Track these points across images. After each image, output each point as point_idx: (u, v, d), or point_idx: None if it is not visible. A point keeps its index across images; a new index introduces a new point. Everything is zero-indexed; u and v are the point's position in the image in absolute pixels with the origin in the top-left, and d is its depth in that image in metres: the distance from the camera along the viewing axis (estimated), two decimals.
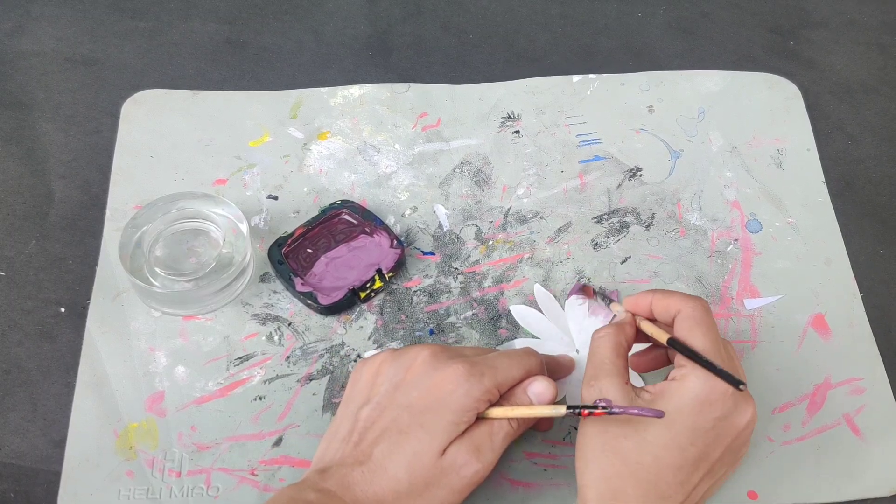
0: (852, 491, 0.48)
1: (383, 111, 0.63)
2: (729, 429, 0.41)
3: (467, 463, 0.41)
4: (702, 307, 0.44)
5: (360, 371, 0.45)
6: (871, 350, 0.53)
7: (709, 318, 0.44)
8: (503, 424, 0.43)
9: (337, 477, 0.41)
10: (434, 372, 0.43)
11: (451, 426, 0.41)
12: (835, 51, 0.68)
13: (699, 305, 0.44)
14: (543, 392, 0.44)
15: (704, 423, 0.41)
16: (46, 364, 0.51)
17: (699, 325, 0.43)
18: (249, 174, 0.59)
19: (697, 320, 0.43)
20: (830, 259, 0.57)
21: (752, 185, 0.60)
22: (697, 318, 0.44)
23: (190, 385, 0.50)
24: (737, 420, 0.42)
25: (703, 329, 0.43)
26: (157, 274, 0.51)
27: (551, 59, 0.67)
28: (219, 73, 0.65)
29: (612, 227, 0.58)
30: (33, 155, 0.60)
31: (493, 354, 0.45)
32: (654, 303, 0.46)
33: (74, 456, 0.48)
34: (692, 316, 0.44)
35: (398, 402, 0.42)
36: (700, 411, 0.41)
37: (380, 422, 0.42)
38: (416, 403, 0.42)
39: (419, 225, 0.57)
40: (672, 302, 0.45)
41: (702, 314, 0.44)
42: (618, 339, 0.45)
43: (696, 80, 0.65)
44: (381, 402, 0.43)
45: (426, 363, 0.43)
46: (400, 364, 0.44)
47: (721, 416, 0.41)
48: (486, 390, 0.42)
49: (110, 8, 0.68)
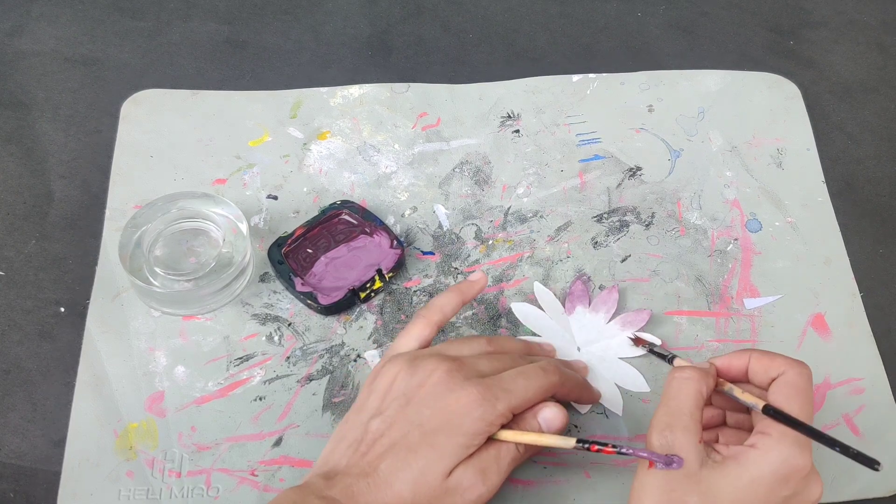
0: (852, 491, 0.48)
1: (383, 111, 0.63)
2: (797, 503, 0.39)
3: (473, 486, 0.41)
4: (808, 375, 0.41)
5: (375, 380, 0.44)
6: (870, 350, 0.53)
7: (811, 388, 0.41)
8: (510, 448, 0.43)
9: (342, 486, 0.40)
10: (448, 393, 0.42)
11: (461, 448, 0.41)
12: (835, 51, 0.68)
13: (805, 372, 0.41)
14: (553, 419, 0.44)
15: (775, 499, 0.39)
16: (46, 364, 0.51)
17: (802, 394, 0.40)
18: (249, 174, 0.59)
19: (801, 389, 0.40)
20: (830, 259, 0.57)
21: (751, 184, 0.60)
22: (801, 386, 0.41)
23: (190, 385, 0.50)
24: (804, 498, 0.40)
25: (803, 399, 0.40)
26: (156, 274, 0.51)
27: (551, 58, 0.67)
28: (218, 73, 0.65)
29: (611, 226, 0.58)
30: (33, 155, 0.60)
31: (511, 373, 0.44)
32: (752, 361, 0.43)
33: (74, 456, 0.48)
34: (796, 383, 0.41)
35: (409, 419, 0.42)
36: (774, 487, 0.38)
37: (389, 435, 0.42)
38: (428, 422, 0.41)
39: (419, 225, 0.57)
40: (776, 364, 0.42)
41: (806, 383, 0.41)
42: (700, 388, 0.41)
43: (695, 79, 0.65)
44: (392, 416, 0.42)
45: (441, 382, 0.42)
46: (414, 379, 0.43)
47: (791, 495, 0.39)
48: (500, 415, 0.42)
49: (110, 8, 0.68)
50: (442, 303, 0.47)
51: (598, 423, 0.49)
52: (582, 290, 0.54)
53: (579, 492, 0.47)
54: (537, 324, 0.53)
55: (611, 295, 0.54)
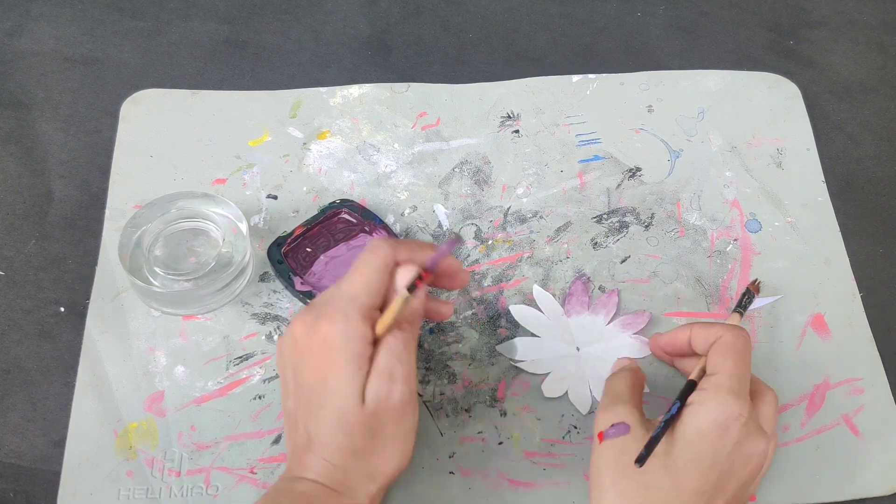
0: (851, 491, 0.48)
1: (383, 111, 0.63)
2: (743, 456, 0.41)
3: (388, 392, 0.41)
4: (743, 337, 0.45)
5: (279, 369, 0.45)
6: (870, 350, 0.53)
7: (747, 349, 0.44)
8: (394, 336, 0.42)
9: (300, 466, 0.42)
10: (308, 341, 0.41)
11: (354, 374, 0.41)
12: (834, 50, 0.68)
13: (741, 335, 0.45)
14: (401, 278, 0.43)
15: (723, 447, 0.41)
16: (46, 364, 0.51)
17: (735, 353, 0.44)
18: (249, 174, 0.59)
19: (735, 349, 0.44)
20: (830, 259, 0.57)
21: (751, 184, 0.60)
22: (736, 346, 0.44)
23: (189, 385, 0.50)
24: (749, 448, 0.42)
25: (737, 357, 0.43)
26: (156, 273, 0.51)
27: (551, 58, 0.67)
28: (218, 73, 0.65)
29: (611, 226, 0.58)
30: (33, 154, 0.60)
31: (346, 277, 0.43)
32: (693, 333, 0.47)
33: (74, 456, 0.48)
34: (731, 343, 0.44)
35: (302, 382, 0.42)
36: (718, 436, 0.41)
37: (300, 405, 0.42)
38: (313, 375, 0.42)
39: (419, 224, 0.57)
40: (714, 331, 0.45)
41: (741, 343, 0.44)
42: (634, 379, 0.47)
43: (695, 79, 0.65)
44: (293, 391, 0.43)
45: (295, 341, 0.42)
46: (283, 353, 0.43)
47: (737, 443, 0.41)
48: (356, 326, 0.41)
49: (110, 7, 0.68)
50: None
51: None
52: (582, 291, 0.54)
53: (579, 494, 0.47)
54: (535, 325, 0.53)
55: (611, 298, 0.54)
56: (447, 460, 0.48)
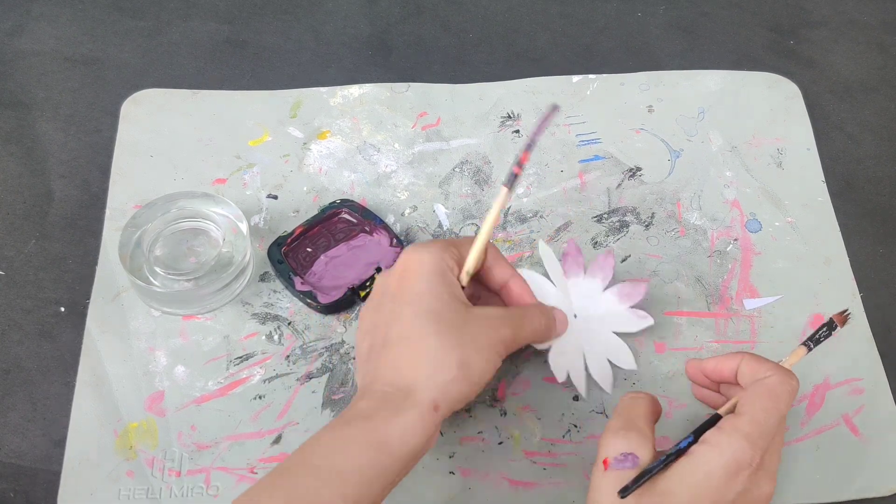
0: (851, 491, 0.48)
1: (383, 111, 0.63)
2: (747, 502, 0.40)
3: None
4: (789, 384, 0.41)
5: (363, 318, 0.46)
6: (870, 350, 0.53)
7: (787, 398, 0.41)
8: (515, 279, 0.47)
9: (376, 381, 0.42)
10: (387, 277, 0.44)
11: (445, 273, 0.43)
12: (835, 50, 0.68)
13: (788, 381, 0.41)
14: None
15: (729, 492, 0.39)
16: (46, 364, 0.51)
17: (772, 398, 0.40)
18: (249, 173, 0.59)
19: (774, 393, 0.41)
20: (830, 259, 0.57)
21: (751, 184, 0.60)
22: (776, 391, 0.41)
23: (190, 384, 0.50)
24: (755, 495, 0.40)
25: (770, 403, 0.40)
26: (156, 273, 0.51)
27: (551, 58, 0.67)
28: (218, 73, 0.65)
29: (611, 226, 0.58)
30: (33, 154, 0.60)
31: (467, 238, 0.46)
32: (742, 364, 0.43)
33: (74, 456, 0.48)
34: (772, 387, 0.41)
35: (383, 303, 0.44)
36: (725, 481, 0.39)
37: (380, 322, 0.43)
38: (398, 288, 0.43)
39: (419, 224, 0.57)
40: (764, 368, 0.42)
41: (783, 390, 0.41)
42: (652, 407, 0.43)
43: (695, 79, 0.65)
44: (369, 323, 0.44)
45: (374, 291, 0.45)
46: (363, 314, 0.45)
47: (743, 490, 0.39)
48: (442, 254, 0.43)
49: (110, 7, 0.68)
50: None
51: (599, 423, 0.49)
52: (576, 252, 0.54)
53: (579, 493, 0.47)
54: (541, 291, 0.52)
55: (606, 260, 0.53)
56: (447, 460, 0.48)
